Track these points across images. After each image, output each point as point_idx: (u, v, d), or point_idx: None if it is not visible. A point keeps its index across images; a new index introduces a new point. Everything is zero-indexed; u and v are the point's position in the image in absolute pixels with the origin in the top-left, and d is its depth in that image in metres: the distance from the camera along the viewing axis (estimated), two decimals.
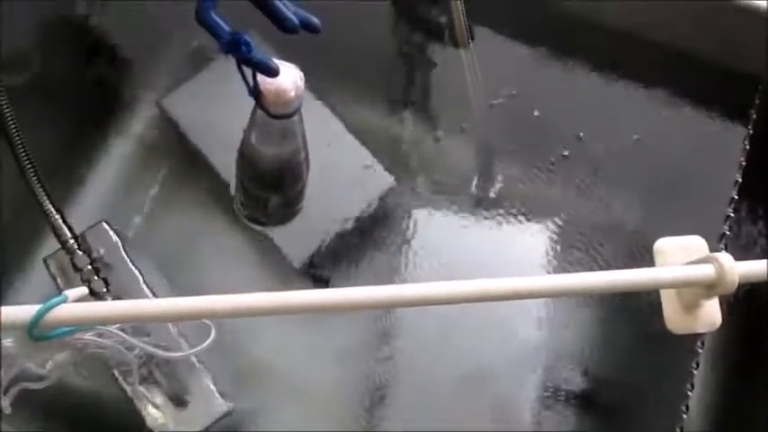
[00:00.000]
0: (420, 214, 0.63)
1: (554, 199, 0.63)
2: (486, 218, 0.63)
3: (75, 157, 0.65)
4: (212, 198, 0.63)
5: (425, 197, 0.63)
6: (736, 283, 0.40)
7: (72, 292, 0.37)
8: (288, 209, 0.53)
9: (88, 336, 0.40)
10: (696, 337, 0.51)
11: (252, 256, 0.62)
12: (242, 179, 0.50)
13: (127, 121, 0.67)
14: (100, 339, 0.41)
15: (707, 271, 0.41)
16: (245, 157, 0.47)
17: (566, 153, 0.64)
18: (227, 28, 0.37)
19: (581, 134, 0.64)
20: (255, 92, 0.40)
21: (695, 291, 0.43)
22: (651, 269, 0.41)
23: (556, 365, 0.58)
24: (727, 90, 0.62)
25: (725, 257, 0.40)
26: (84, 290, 0.38)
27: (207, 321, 0.44)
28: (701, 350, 0.49)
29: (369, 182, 0.62)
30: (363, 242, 0.62)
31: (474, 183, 0.64)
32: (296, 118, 0.43)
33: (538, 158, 0.64)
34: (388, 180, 0.62)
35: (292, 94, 0.40)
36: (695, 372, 0.49)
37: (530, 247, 0.62)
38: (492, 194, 0.63)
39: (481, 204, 0.63)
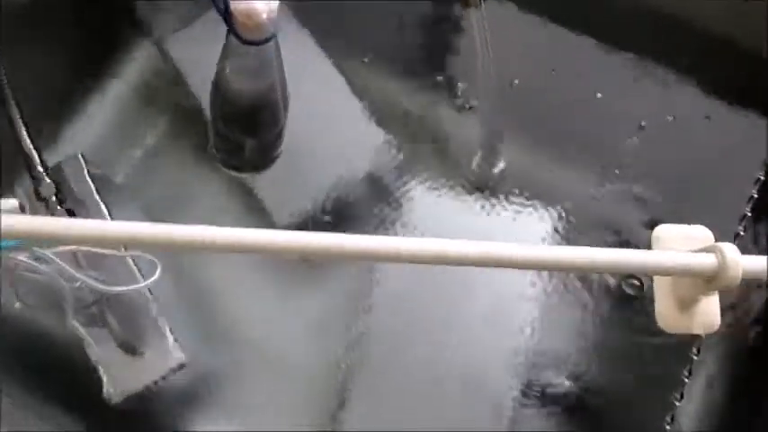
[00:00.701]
0: (416, 186, 0.59)
1: (561, 184, 0.59)
2: (485, 198, 0.59)
3: (69, 96, 0.62)
4: (207, 149, 0.59)
5: (423, 169, 0.60)
6: (739, 278, 0.36)
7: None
8: (265, 154, 0.50)
9: (21, 257, 0.37)
10: (692, 341, 0.46)
11: (241, 213, 0.59)
12: (216, 118, 0.47)
13: (125, 62, 0.64)
14: (33, 263, 0.38)
15: (707, 260, 0.36)
16: (219, 92, 0.44)
17: (578, 138, 0.59)
18: None
19: (596, 119, 0.60)
20: (226, 12, 0.37)
21: (693, 284, 0.38)
22: (645, 251, 0.37)
23: (542, 368, 0.54)
24: (759, 82, 0.57)
25: (729, 247, 0.36)
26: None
27: (154, 259, 0.41)
28: (695, 357, 0.45)
29: (366, 147, 0.59)
30: (353, 208, 0.59)
31: (476, 160, 0.60)
32: (271, 46, 0.40)
33: (547, 141, 0.60)
34: (387, 148, 0.59)
35: (264, 16, 0.37)
36: (687, 380, 0.45)
37: (530, 232, 0.58)
38: (495, 174, 0.60)
39: (482, 184, 0.59)
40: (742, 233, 0.47)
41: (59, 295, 0.41)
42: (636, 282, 0.54)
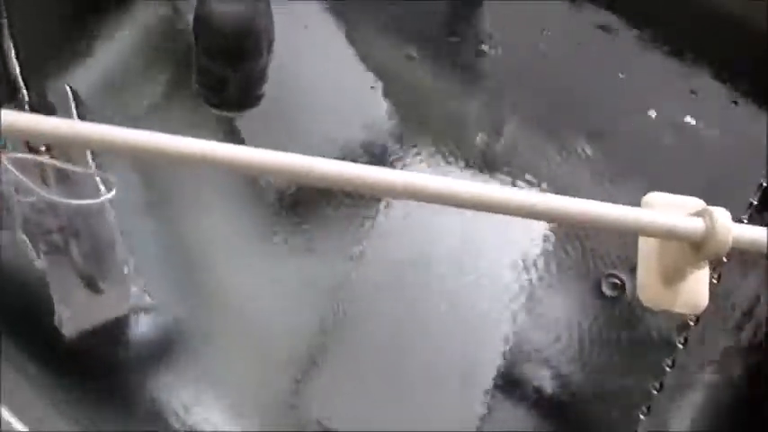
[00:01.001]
0: (414, 157, 0.57)
1: (568, 164, 0.56)
2: (487, 175, 0.57)
3: (74, 40, 0.62)
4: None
5: (424, 139, 0.57)
6: (729, 244, 0.32)
7: None
8: (247, 91, 0.48)
9: None
10: (682, 329, 0.43)
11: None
12: (198, 51, 0.45)
13: (136, 11, 0.63)
14: None
15: (696, 224, 0.33)
16: (202, 19, 0.42)
17: (592, 117, 0.57)
18: None
19: (615, 100, 0.57)
20: None
21: (680, 251, 0.35)
22: (631, 208, 0.33)
23: (524, 360, 0.52)
24: None
25: (719, 212, 0.33)
26: None
27: (111, 177, 0.39)
28: (680, 345, 0.41)
29: (366, 112, 0.58)
30: None
31: (481, 135, 0.57)
32: None
33: (558, 118, 0.57)
34: (388, 114, 0.58)
35: None
36: (669, 369, 0.41)
37: None
38: (497, 151, 0.57)
39: (484, 161, 0.57)
40: (745, 221, 0.44)
41: (9, 207, 0.39)
42: (617, 281, 0.51)
